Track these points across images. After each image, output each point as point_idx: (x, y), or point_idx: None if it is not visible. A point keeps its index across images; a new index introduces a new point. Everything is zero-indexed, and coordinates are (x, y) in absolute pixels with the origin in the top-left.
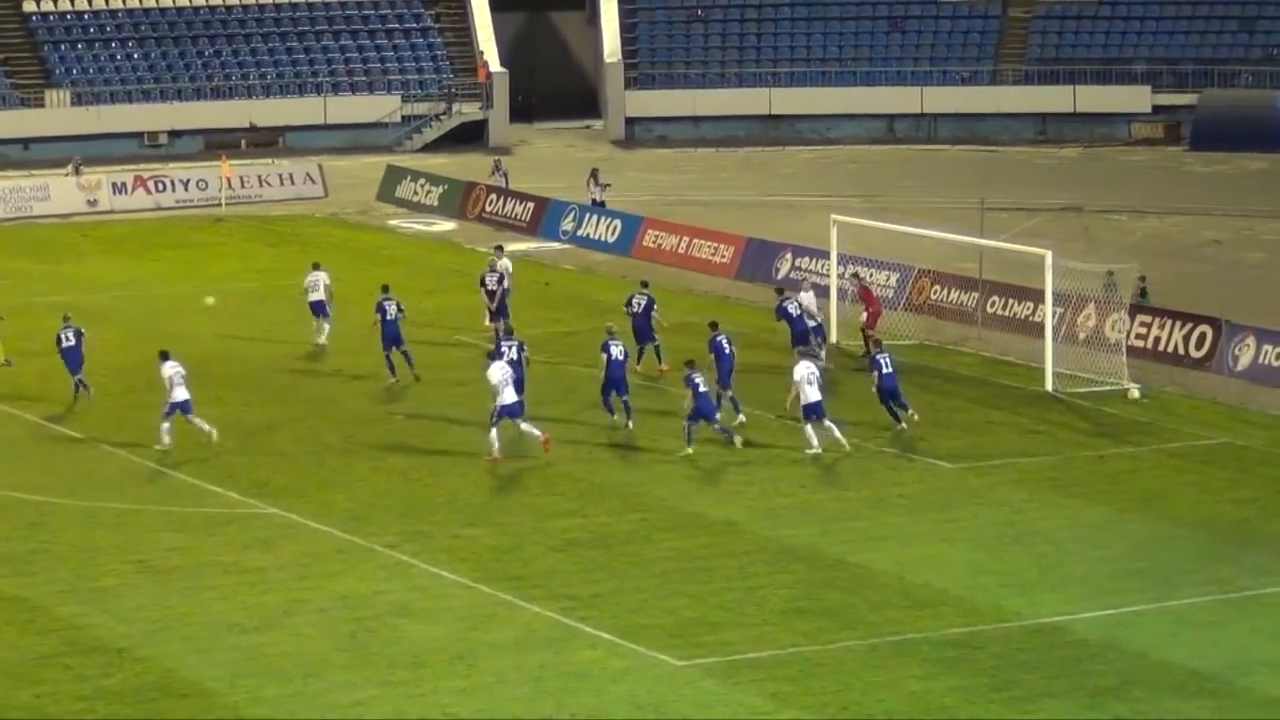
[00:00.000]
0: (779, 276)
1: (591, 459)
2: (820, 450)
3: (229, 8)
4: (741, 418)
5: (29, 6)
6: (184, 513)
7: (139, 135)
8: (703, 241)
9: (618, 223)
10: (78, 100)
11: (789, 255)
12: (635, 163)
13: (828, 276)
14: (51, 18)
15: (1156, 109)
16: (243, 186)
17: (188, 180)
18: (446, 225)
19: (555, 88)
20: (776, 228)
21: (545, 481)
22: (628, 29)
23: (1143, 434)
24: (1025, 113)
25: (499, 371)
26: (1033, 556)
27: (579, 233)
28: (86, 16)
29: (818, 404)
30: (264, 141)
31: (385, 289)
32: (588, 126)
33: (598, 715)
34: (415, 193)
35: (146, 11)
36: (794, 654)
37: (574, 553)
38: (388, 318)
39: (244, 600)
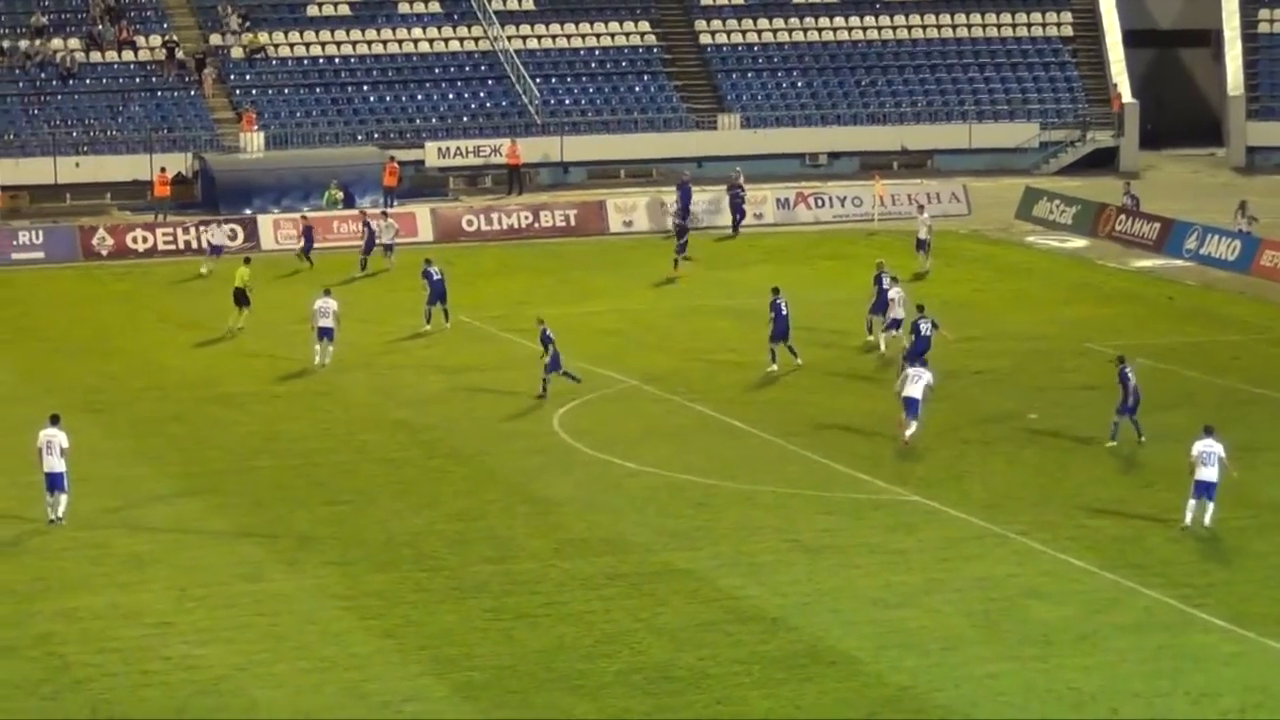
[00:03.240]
0: None
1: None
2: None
3: (884, 42)
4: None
5: (705, 40)
6: (834, 497)
7: (800, 156)
8: None
9: (1237, 243)
10: (746, 123)
11: None
12: (1254, 188)
13: None
14: (725, 49)
15: None
16: (893, 204)
17: (844, 197)
18: (1079, 242)
19: (1180, 117)
20: None
21: (1168, 479)
22: (1250, 65)
23: None
24: None
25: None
26: None
27: (1201, 251)
28: (755, 49)
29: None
30: (914, 163)
31: (776, 290)
32: (1210, 154)
33: (1210, 694)
34: (1051, 212)
35: (810, 44)
36: None
37: (1190, 544)
38: (782, 313)
39: (887, 578)
